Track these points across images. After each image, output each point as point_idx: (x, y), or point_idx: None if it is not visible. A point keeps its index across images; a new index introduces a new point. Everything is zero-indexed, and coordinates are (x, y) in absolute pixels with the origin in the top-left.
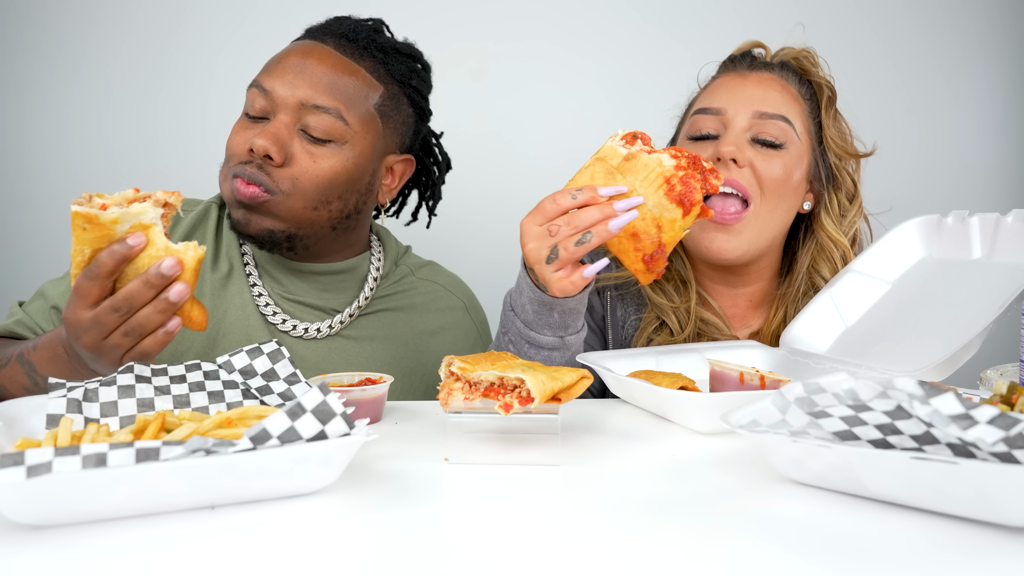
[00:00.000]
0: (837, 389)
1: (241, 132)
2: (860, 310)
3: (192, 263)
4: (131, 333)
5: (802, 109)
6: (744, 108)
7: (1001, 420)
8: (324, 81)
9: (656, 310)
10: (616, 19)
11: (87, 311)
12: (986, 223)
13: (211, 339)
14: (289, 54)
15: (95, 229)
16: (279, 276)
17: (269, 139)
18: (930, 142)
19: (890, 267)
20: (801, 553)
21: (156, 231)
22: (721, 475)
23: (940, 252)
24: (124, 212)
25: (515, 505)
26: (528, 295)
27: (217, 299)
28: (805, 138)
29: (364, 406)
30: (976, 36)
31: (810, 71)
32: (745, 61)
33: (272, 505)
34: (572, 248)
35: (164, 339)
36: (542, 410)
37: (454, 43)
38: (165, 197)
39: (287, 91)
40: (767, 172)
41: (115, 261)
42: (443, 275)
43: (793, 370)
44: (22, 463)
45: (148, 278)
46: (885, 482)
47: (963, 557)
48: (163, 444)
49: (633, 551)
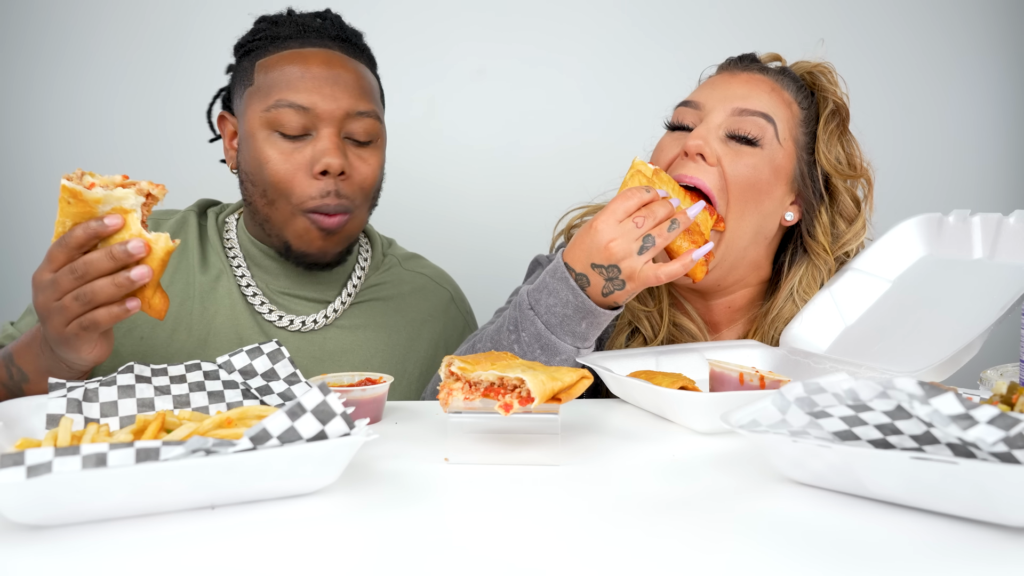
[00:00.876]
0: (837, 389)
1: (289, 157)
2: (860, 308)
3: (161, 252)
4: (81, 298)
5: (792, 115)
6: (723, 104)
7: (1001, 420)
8: (355, 87)
9: (628, 314)
10: (615, 19)
11: (49, 273)
12: (988, 223)
13: (202, 340)
14: (309, 65)
15: (78, 205)
16: (274, 272)
17: (338, 155)
18: (929, 141)
19: (891, 265)
20: (801, 553)
21: (134, 217)
22: (721, 475)
23: (941, 251)
24: (107, 194)
25: (515, 505)
26: (566, 297)
27: (207, 301)
28: (789, 143)
29: (364, 406)
30: (974, 34)
31: (823, 86)
32: (743, 62)
33: (272, 505)
34: (666, 234)
35: (119, 314)
36: (542, 410)
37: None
38: (149, 188)
39: (331, 104)
40: (733, 171)
41: (87, 235)
42: (429, 267)
43: (793, 370)
44: (22, 463)
45: (112, 251)
46: (885, 482)
47: (963, 557)
48: (163, 444)
49: (633, 551)
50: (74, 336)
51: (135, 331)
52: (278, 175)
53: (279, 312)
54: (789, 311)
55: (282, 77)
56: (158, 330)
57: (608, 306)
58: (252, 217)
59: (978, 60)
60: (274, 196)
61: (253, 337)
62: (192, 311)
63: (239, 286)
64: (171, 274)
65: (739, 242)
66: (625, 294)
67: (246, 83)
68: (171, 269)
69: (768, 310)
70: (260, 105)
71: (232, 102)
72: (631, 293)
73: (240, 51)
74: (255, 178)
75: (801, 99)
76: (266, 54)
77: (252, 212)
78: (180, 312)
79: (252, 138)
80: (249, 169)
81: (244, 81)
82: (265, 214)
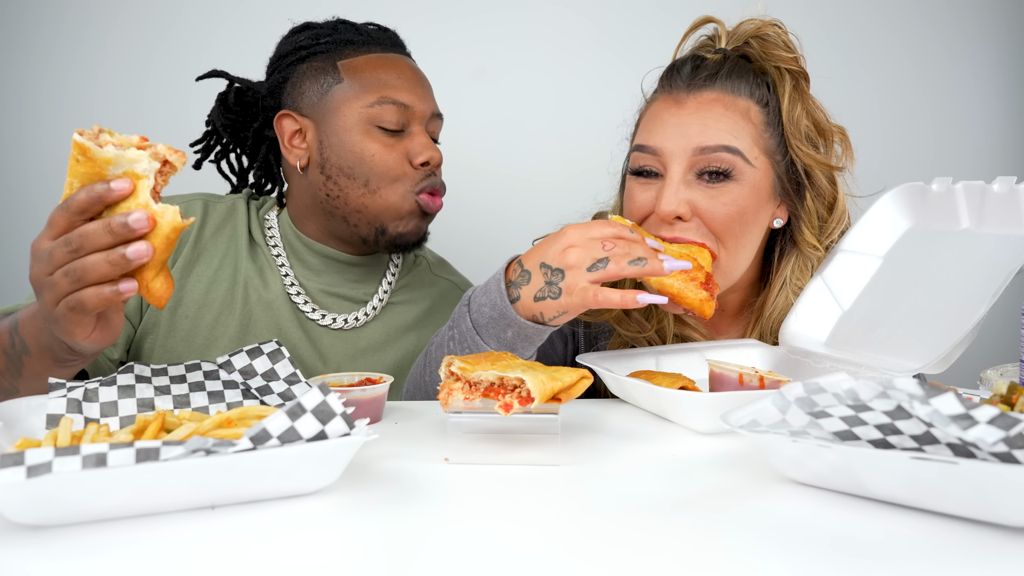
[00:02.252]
0: (837, 389)
1: (391, 149)
2: (854, 291)
3: (166, 228)
4: (71, 274)
5: (754, 124)
6: (681, 146)
7: (1001, 420)
8: (431, 91)
9: (627, 339)
10: (615, 19)
11: (48, 241)
12: (972, 191)
13: (244, 325)
14: (403, 68)
15: (87, 164)
16: (316, 269)
17: (436, 150)
18: (930, 139)
19: (878, 241)
20: (801, 553)
21: (144, 184)
22: (721, 475)
23: (927, 221)
24: (119, 155)
25: (515, 505)
26: (493, 299)
27: (251, 288)
28: (761, 159)
29: (364, 406)
30: (977, 32)
31: (773, 55)
32: (683, 77)
33: (272, 505)
34: (624, 265)
35: (110, 296)
36: (542, 410)
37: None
38: (166, 153)
39: (424, 104)
40: (713, 215)
41: (91, 199)
42: (455, 274)
43: (793, 369)
44: (22, 463)
45: (111, 223)
46: (885, 482)
47: (963, 557)
48: (163, 444)
49: (633, 551)
50: (63, 317)
51: (180, 309)
52: (386, 163)
53: (321, 311)
54: (784, 302)
55: (381, 77)
56: (204, 311)
57: (535, 316)
58: (324, 211)
59: (983, 60)
60: (379, 184)
61: (291, 331)
62: (236, 297)
63: (282, 280)
64: (220, 258)
65: (737, 267)
66: (555, 307)
67: (329, 82)
68: (220, 253)
69: (763, 304)
70: (360, 102)
71: (288, 103)
72: (561, 310)
73: (299, 54)
74: (354, 170)
75: (759, 95)
76: (346, 56)
77: (332, 206)
78: (228, 297)
79: (349, 132)
80: (343, 163)
81: (322, 81)
82: (362, 203)
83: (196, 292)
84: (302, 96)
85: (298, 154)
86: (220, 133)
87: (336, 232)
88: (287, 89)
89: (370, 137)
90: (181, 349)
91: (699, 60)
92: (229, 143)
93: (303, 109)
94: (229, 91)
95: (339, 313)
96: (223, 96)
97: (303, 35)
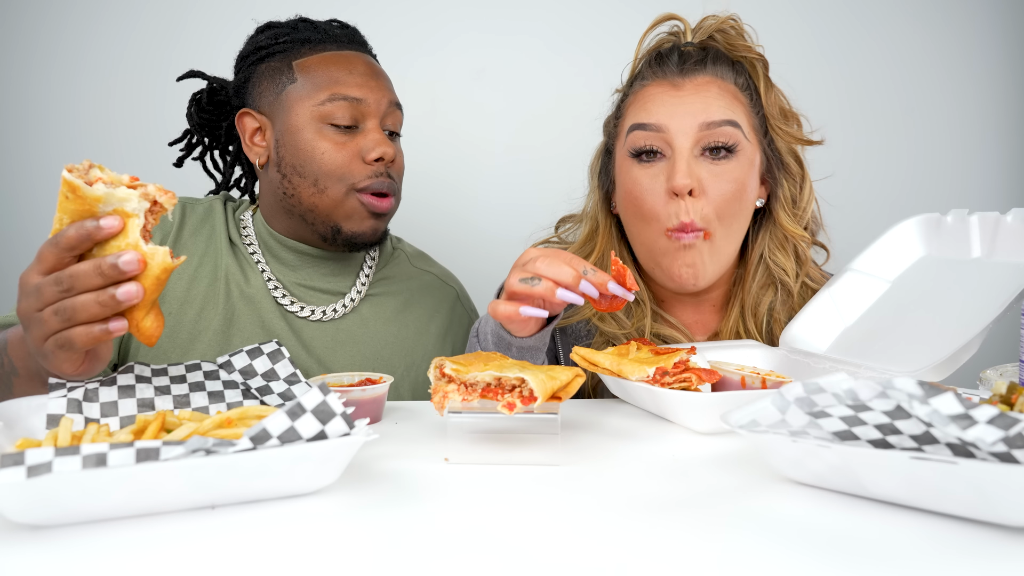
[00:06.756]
0: (837, 389)
1: (342, 147)
2: (860, 309)
3: (157, 270)
4: (60, 313)
5: (744, 106)
6: (686, 122)
7: (1001, 420)
8: (389, 84)
9: (609, 336)
10: (615, 19)
11: (37, 276)
12: (986, 222)
13: (227, 320)
14: (355, 63)
15: (77, 201)
16: (291, 264)
17: (390, 145)
18: (931, 142)
19: (890, 266)
20: (801, 553)
21: (135, 223)
22: (721, 475)
23: (940, 251)
24: (108, 193)
25: (515, 505)
26: (493, 326)
27: (232, 284)
28: (753, 137)
29: (364, 406)
30: (978, 34)
31: (737, 46)
32: (672, 63)
33: (272, 505)
34: (516, 284)
35: (99, 336)
36: (542, 410)
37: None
38: (156, 194)
39: (378, 97)
40: (718, 193)
41: (80, 236)
42: (436, 266)
43: (793, 370)
44: (22, 463)
45: (101, 265)
46: (885, 482)
47: (963, 557)
48: (163, 444)
49: (633, 551)
50: (51, 353)
51: (162, 306)
52: (335, 162)
53: (300, 303)
54: (765, 278)
55: (332, 74)
56: (186, 307)
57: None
58: (284, 209)
59: (984, 63)
60: (327, 183)
61: (274, 323)
62: (219, 292)
63: (261, 276)
64: (200, 255)
65: (729, 248)
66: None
67: (284, 81)
68: (200, 250)
69: (743, 279)
70: (311, 100)
71: (249, 101)
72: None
73: (259, 54)
74: (304, 168)
75: (741, 81)
76: (301, 55)
77: (289, 204)
78: (210, 292)
79: (301, 131)
80: (296, 161)
81: (278, 80)
82: (312, 203)
83: (177, 289)
84: (261, 96)
85: (258, 152)
86: (195, 132)
87: (299, 229)
88: (248, 89)
89: (321, 135)
90: (166, 345)
91: (680, 50)
92: (211, 142)
93: (262, 108)
94: (203, 90)
95: (318, 305)
96: (197, 96)
97: (264, 35)
